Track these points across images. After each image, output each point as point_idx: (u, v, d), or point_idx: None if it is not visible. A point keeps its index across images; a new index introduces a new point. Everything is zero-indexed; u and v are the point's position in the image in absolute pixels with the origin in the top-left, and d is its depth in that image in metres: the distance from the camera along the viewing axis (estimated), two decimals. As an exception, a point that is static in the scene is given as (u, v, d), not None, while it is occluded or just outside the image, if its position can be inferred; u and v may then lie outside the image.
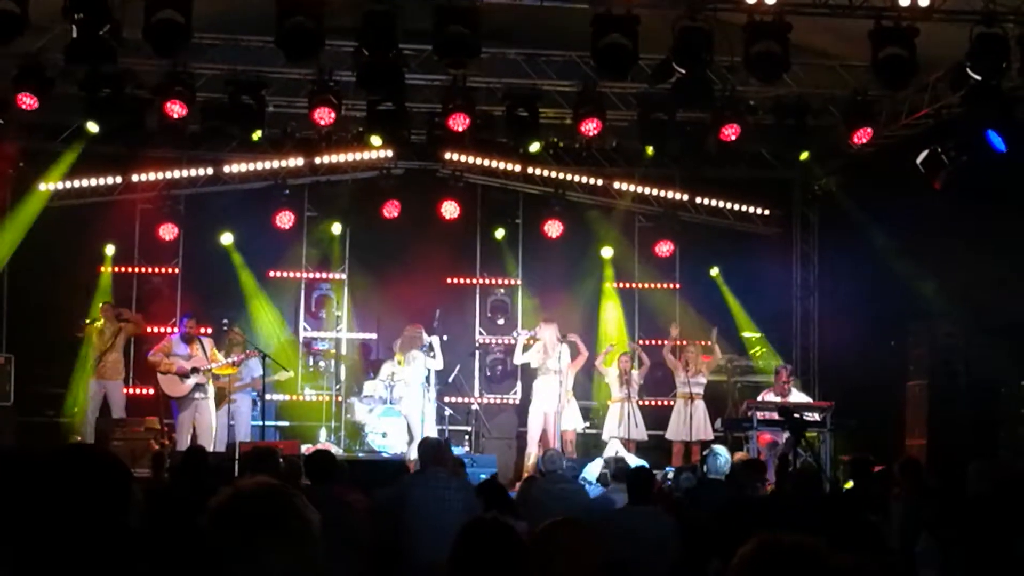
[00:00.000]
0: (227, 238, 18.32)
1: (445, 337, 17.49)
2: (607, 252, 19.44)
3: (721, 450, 11.76)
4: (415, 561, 8.53)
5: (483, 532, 4.01)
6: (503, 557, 3.86)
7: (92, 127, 15.37)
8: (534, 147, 16.90)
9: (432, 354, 16.94)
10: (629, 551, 7.29)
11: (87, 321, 16.71)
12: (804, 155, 17.23)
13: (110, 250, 18.21)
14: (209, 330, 17.09)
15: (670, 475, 14.31)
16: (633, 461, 14.34)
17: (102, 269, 18.23)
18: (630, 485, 9.27)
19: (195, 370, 16.01)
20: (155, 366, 16.12)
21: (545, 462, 11.56)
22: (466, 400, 18.71)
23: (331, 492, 8.32)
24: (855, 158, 17.36)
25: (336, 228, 18.71)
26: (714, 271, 19.41)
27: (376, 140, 16.70)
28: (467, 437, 18.05)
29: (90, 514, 3.20)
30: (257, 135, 15.93)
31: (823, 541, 2.91)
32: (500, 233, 19.23)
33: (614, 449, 16.52)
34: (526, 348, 17.38)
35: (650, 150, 17.18)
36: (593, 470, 15.70)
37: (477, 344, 19.34)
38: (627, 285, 19.79)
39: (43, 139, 17.42)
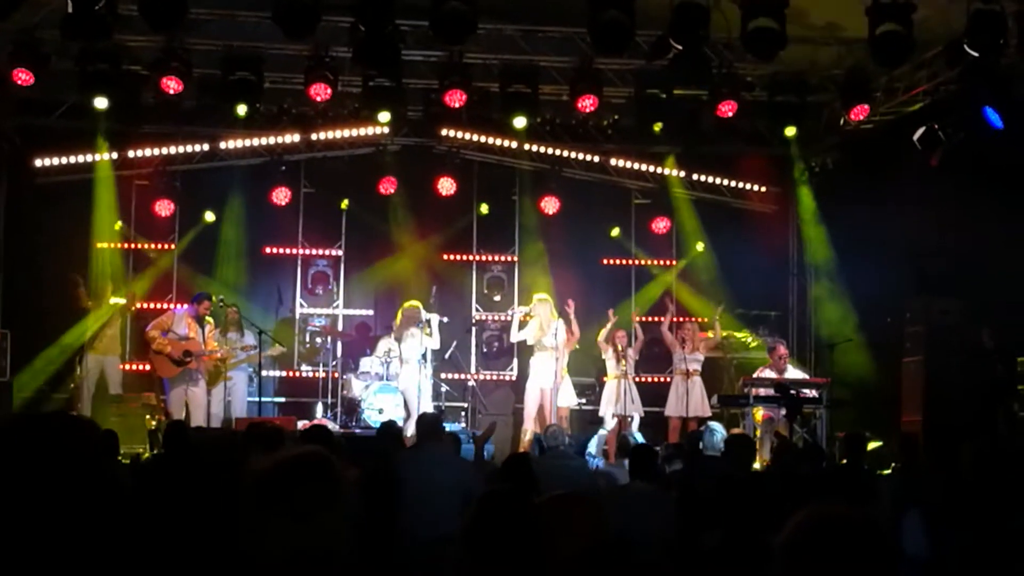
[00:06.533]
0: (217, 216, 18.29)
1: (446, 319, 17.49)
2: (615, 231, 19.42)
3: (717, 427, 11.78)
4: (408, 536, 8.56)
5: (500, 504, 4.01)
6: (519, 530, 3.87)
7: (100, 103, 15.33)
8: (520, 122, 16.63)
9: (428, 331, 16.97)
10: (628, 527, 7.31)
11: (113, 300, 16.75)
12: (791, 131, 17.07)
13: (116, 225, 18.13)
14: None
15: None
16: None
17: (108, 245, 18.16)
18: (632, 462, 9.30)
19: (188, 353, 15.94)
20: (150, 341, 16.08)
21: (547, 438, 11.60)
22: (462, 376, 18.72)
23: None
24: (852, 135, 17.36)
25: (346, 203, 18.66)
26: (699, 246, 19.36)
27: (384, 116, 16.59)
28: (463, 413, 18.09)
29: (68, 474, 3.22)
30: (244, 111, 15.80)
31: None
32: (485, 208, 19.17)
33: (611, 423, 16.63)
34: (522, 325, 17.41)
35: (658, 127, 17.06)
36: (596, 443, 15.75)
37: (473, 320, 19.32)
38: (623, 261, 19.79)
39: (39, 115, 17.36)
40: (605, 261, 19.69)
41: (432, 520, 8.45)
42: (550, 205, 18.75)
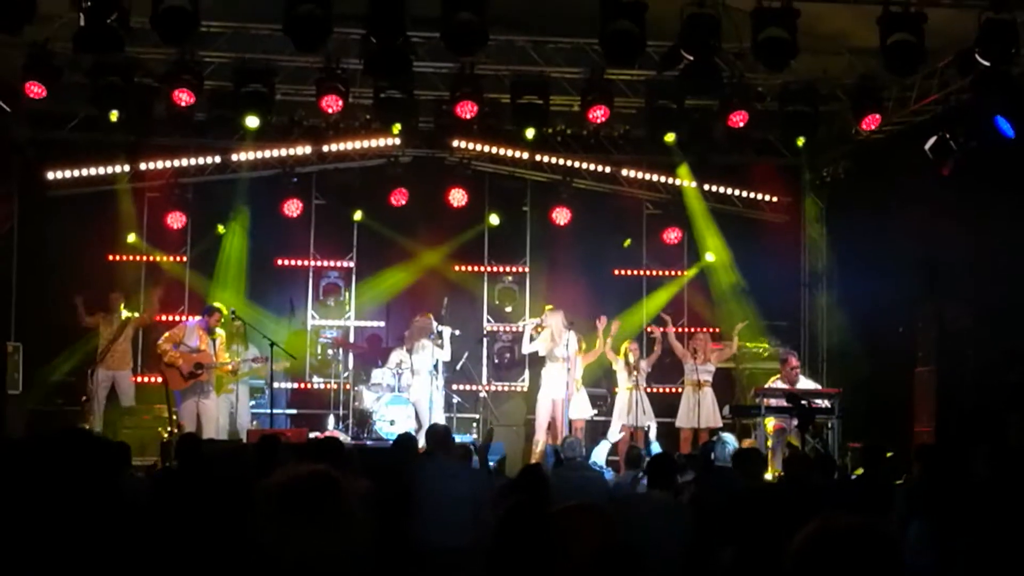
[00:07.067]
0: (229, 228, 18.35)
1: (458, 332, 17.47)
2: (627, 242, 19.45)
3: (729, 438, 11.78)
4: (421, 546, 8.57)
5: (524, 517, 4.03)
6: (540, 542, 3.90)
7: (112, 116, 15.39)
8: (531, 133, 16.61)
9: (440, 342, 16.96)
10: (645, 536, 7.31)
11: (126, 315, 16.75)
12: (800, 140, 17.13)
13: (131, 237, 18.22)
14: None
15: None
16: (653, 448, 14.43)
17: (122, 258, 18.25)
18: (651, 471, 9.29)
19: (199, 366, 15.88)
20: (162, 354, 16.07)
21: (565, 449, 11.61)
22: (474, 388, 18.70)
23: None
24: (864, 144, 17.34)
25: (358, 215, 18.75)
26: (709, 256, 19.34)
27: (395, 128, 16.60)
28: (475, 424, 18.07)
29: (84, 489, 3.24)
30: (255, 123, 15.70)
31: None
32: (494, 219, 19.21)
33: (616, 435, 16.64)
34: (533, 337, 17.38)
35: (671, 137, 17.04)
36: (600, 453, 15.72)
37: (485, 332, 19.31)
38: (635, 272, 19.78)
39: (51, 128, 17.42)
40: (617, 272, 19.68)
41: (444, 530, 8.48)
42: (561, 216, 18.76)
